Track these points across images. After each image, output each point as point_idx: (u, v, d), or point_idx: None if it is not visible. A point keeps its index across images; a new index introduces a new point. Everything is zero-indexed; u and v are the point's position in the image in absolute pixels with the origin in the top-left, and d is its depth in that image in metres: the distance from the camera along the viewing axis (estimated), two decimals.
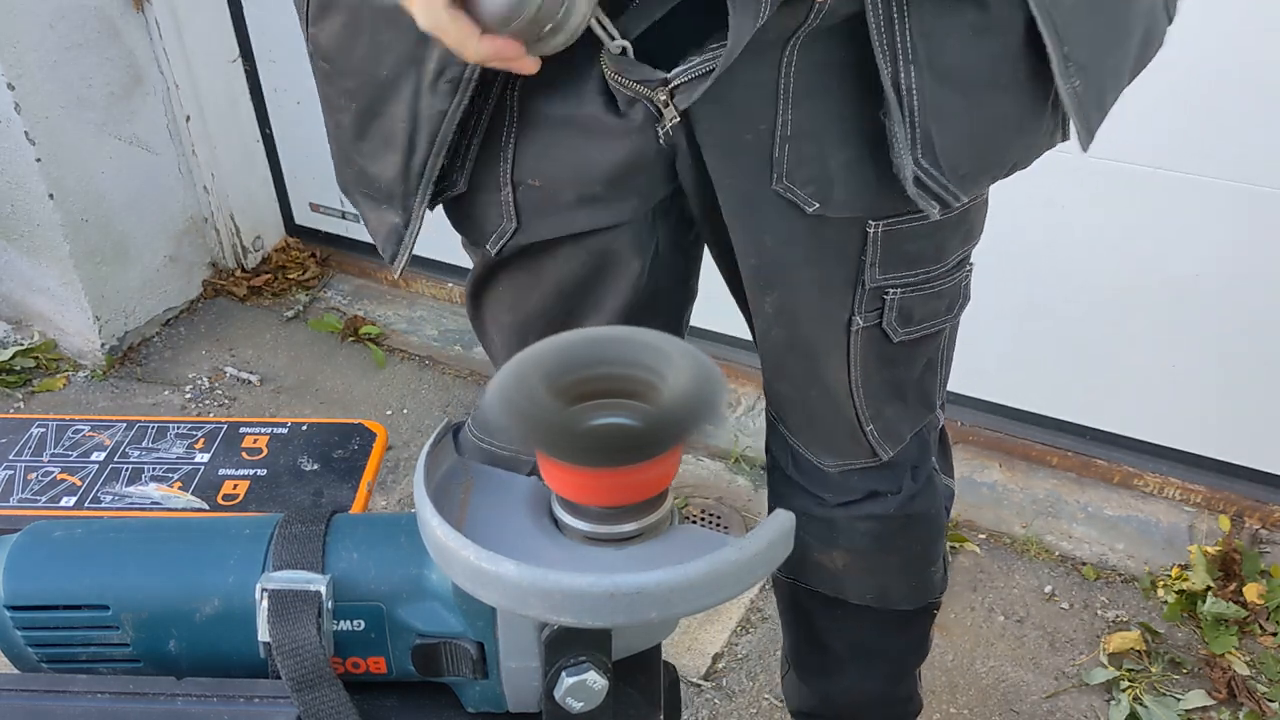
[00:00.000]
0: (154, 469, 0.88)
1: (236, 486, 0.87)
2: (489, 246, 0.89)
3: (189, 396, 2.24)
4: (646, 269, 0.91)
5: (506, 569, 0.53)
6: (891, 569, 1.11)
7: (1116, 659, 1.67)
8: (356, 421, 0.94)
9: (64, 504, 0.85)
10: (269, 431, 0.92)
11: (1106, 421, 1.93)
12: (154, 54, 2.21)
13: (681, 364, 0.56)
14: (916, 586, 1.14)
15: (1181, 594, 1.74)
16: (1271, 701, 1.60)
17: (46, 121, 2.04)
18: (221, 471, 0.88)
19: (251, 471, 0.88)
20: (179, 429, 0.93)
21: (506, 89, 0.81)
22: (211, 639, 0.63)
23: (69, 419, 0.94)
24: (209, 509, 0.85)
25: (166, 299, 2.41)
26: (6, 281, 2.32)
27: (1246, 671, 1.63)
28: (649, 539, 0.59)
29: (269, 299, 2.49)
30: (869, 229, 0.84)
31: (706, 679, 1.67)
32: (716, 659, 1.69)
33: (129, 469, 0.88)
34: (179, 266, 2.42)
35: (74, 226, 2.15)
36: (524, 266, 0.93)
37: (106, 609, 0.63)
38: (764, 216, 0.84)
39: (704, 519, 1.92)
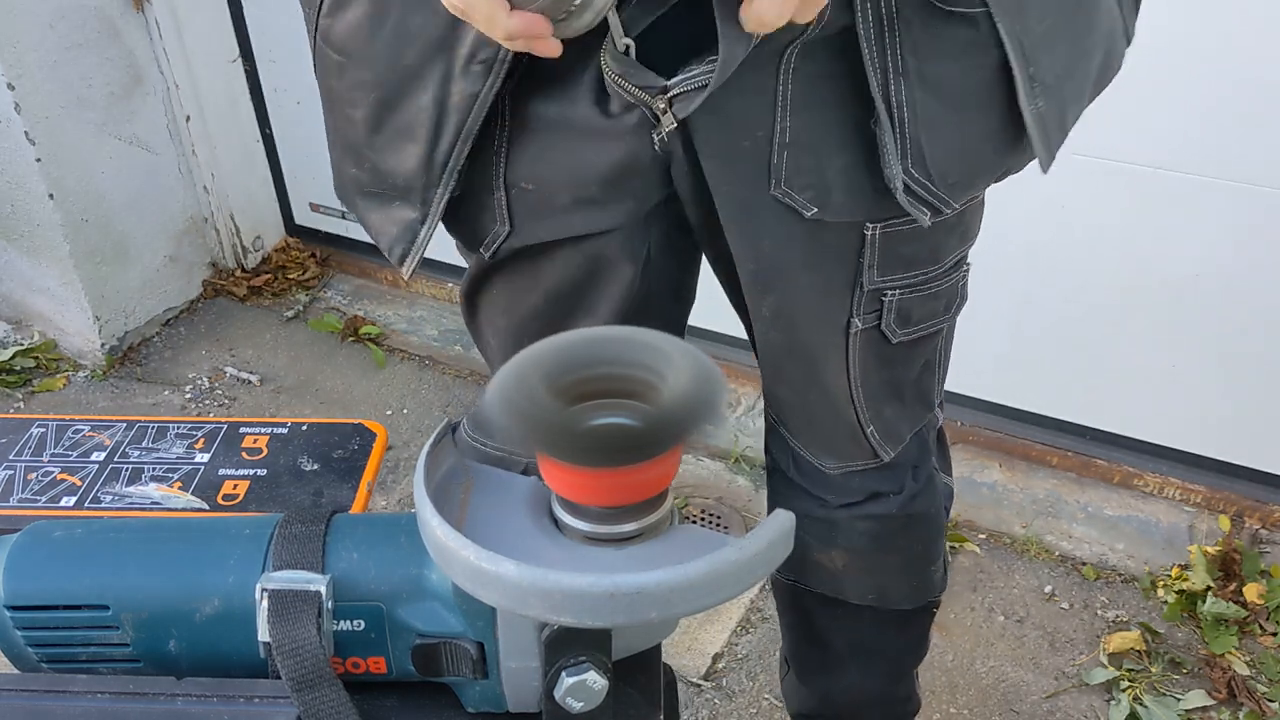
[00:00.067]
0: (154, 469, 0.88)
1: (236, 486, 0.86)
2: (482, 250, 0.89)
3: (189, 396, 2.24)
4: (639, 273, 0.91)
5: (506, 569, 0.53)
6: (892, 569, 1.11)
7: (1116, 659, 1.67)
8: (356, 421, 0.94)
9: (64, 504, 0.85)
10: (269, 431, 0.92)
11: (1106, 421, 1.93)
12: (154, 54, 2.21)
13: (681, 364, 0.56)
14: (917, 586, 1.14)
15: (1181, 594, 1.74)
16: (1271, 701, 1.60)
17: (46, 121, 2.04)
18: (221, 471, 0.88)
19: (251, 471, 0.88)
20: (179, 429, 0.92)
21: (500, 91, 0.81)
22: (211, 639, 0.63)
23: (69, 419, 0.94)
24: (209, 509, 0.85)
25: (166, 299, 2.41)
26: (6, 281, 2.32)
27: (1246, 671, 1.63)
28: (649, 539, 0.59)
29: (269, 299, 2.49)
30: (866, 232, 0.84)
31: (706, 679, 1.67)
32: (716, 659, 1.69)
33: (129, 469, 0.88)
34: (179, 266, 2.42)
35: (74, 226, 2.15)
36: (518, 270, 0.93)
37: (106, 609, 0.63)
38: (762, 221, 0.84)
39: (704, 519, 1.92)
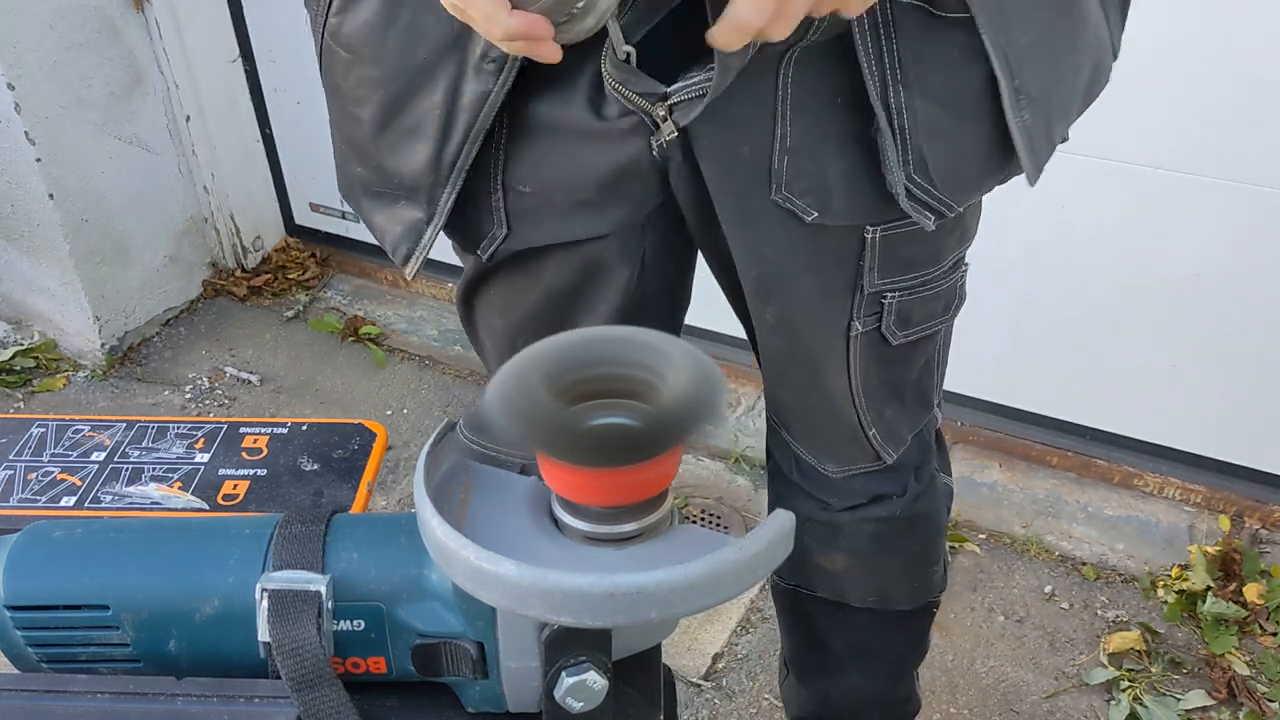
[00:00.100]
0: (154, 469, 0.88)
1: (236, 486, 0.86)
2: (480, 252, 0.89)
3: (189, 396, 2.24)
4: (636, 276, 0.91)
5: (506, 569, 0.53)
6: (894, 570, 1.11)
7: (1116, 659, 1.67)
8: (356, 421, 0.94)
9: (64, 504, 0.85)
10: (269, 431, 0.92)
11: (1106, 421, 1.93)
12: (154, 54, 2.21)
13: (681, 364, 0.56)
14: (918, 586, 1.14)
15: (1181, 594, 1.74)
16: (1271, 701, 1.60)
17: (46, 121, 2.04)
18: (221, 471, 0.88)
19: (251, 471, 0.88)
20: (179, 429, 0.92)
21: (510, 91, 0.81)
22: (211, 639, 0.63)
23: (69, 419, 0.94)
24: (209, 509, 0.85)
25: (166, 299, 2.41)
26: (6, 281, 2.32)
27: (1246, 671, 1.63)
28: (649, 539, 0.59)
29: (269, 299, 2.49)
30: (866, 235, 0.84)
31: (706, 679, 1.67)
32: (716, 659, 1.69)
33: (129, 469, 0.88)
34: (179, 266, 2.42)
35: (74, 226, 2.15)
36: (515, 272, 0.92)
37: (106, 609, 0.63)
38: (763, 227, 0.84)
39: (704, 519, 1.92)
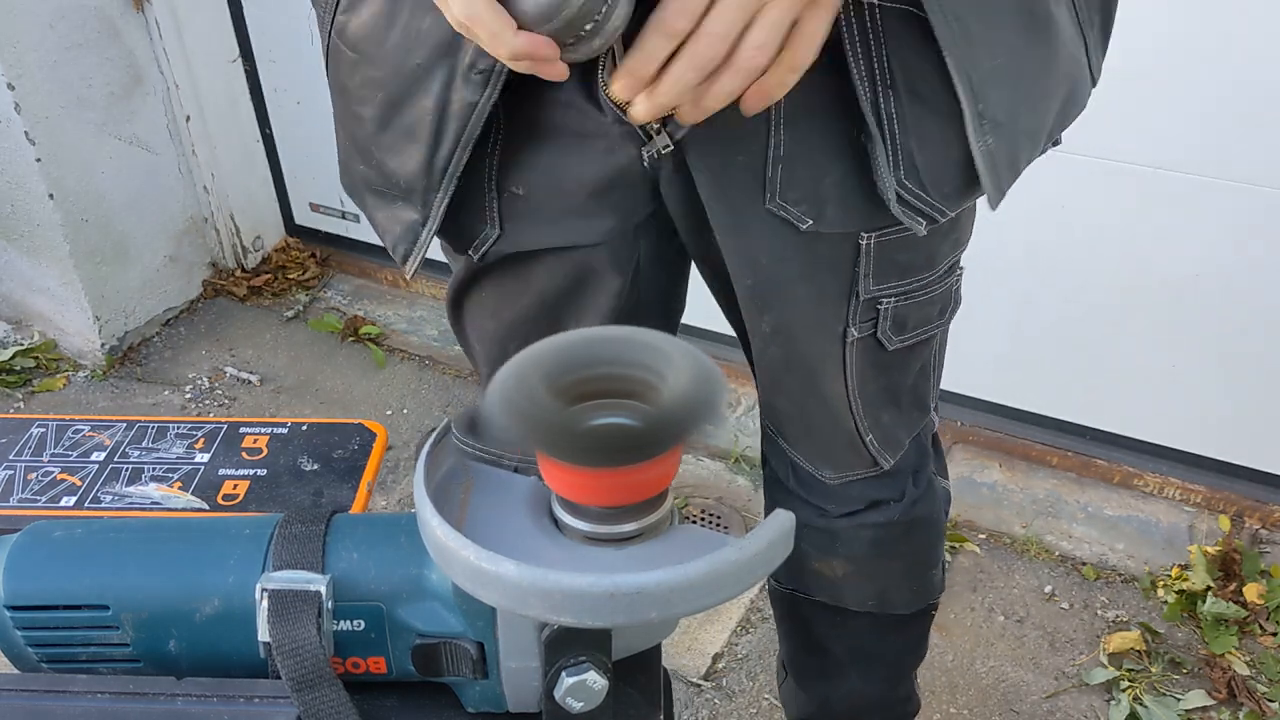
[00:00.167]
0: (154, 469, 0.88)
1: (236, 486, 0.86)
2: (471, 252, 0.89)
3: (189, 396, 2.24)
4: (628, 284, 0.91)
5: (506, 569, 0.53)
6: (893, 574, 1.11)
7: (1116, 659, 1.67)
8: (356, 421, 0.94)
9: (64, 504, 0.85)
10: (269, 431, 0.92)
11: (1106, 421, 1.93)
12: (154, 54, 2.21)
13: (681, 364, 0.56)
14: (917, 590, 1.14)
15: (1181, 594, 1.74)
16: (1271, 701, 1.60)
17: (46, 121, 2.04)
18: (221, 471, 0.88)
19: (251, 471, 0.88)
20: (179, 429, 0.92)
21: (498, 102, 0.80)
22: (211, 639, 0.63)
23: (69, 419, 0.94)
24: (209, 509, 0.85)
25: (166, 299, 2.41)
26: (6, 281, 2.32)
27: (1246, 671, 1.63)
28: (649, 539, 0.59)
29: (269, 299, 2.49)
30: (861, 241, 0.84)
31: (706, 679, 1.67)
32: (716, 659, 1.69)
33: (129, 469, 0.88)
34: (179, 266, 2.42)
35: (74, 226, 2.15)
36: (506, 275, 0.92)
37: (106, 609, 0.63)
38: (757, 235, 0.84)
39: (704, 519, 1.92)
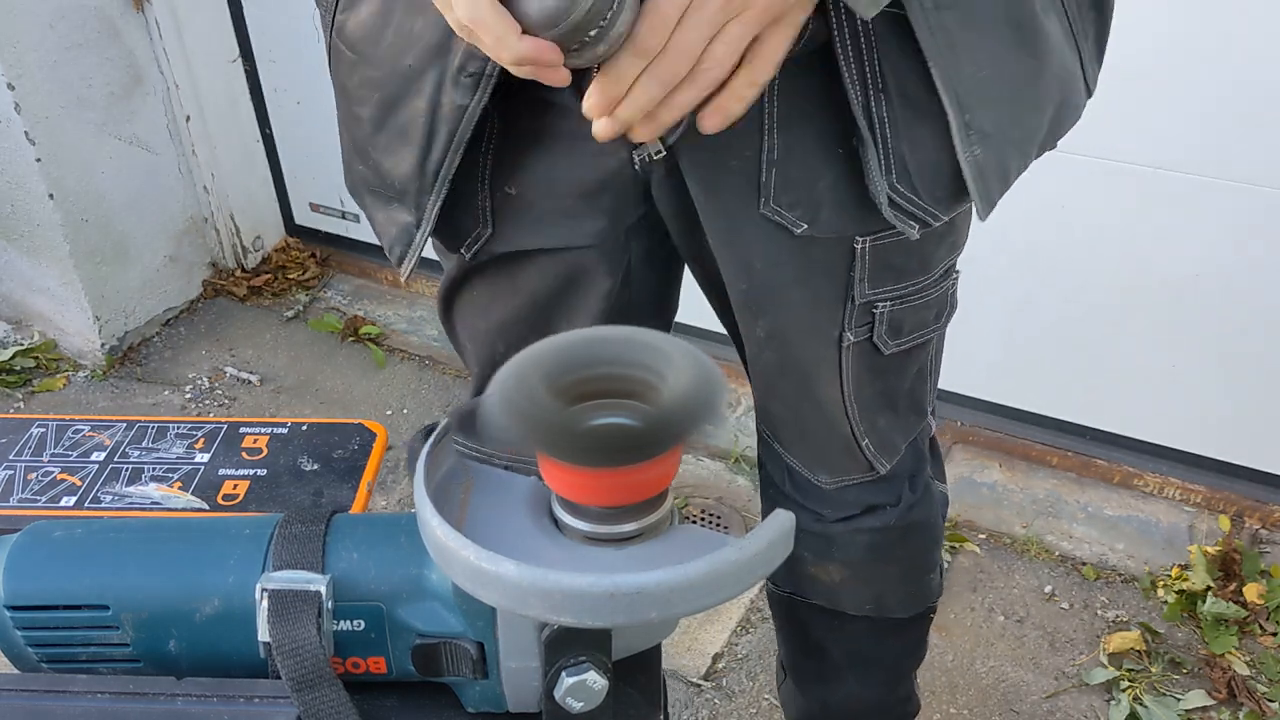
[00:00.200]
0: (154, 469, 0.88)
1: (236, 486, 0.86)
2: (463, 250, 0.89)
3: (189, 396, 2.24)
4: (619, 286, 0.91)
5: (506, 569, 0.53)
6: (889, 579, 1.11)
7: (1116, 659, 1.67)
8: (356, 421, 0.94)
9: (64, 504, 0.85)
10: (269, 431, 0.92)
11: (1106, 421, 1.93)
12: (154, 54, 2.21)
13: (681, 364, 0.56)
14: (914, 594, 1.14)
15: (1181, 594, 1.74)
16: (1271, 701, 1.60)
17: (46, 121, 2.04)
18: (221, 471, 0.88)
19: (251, 471, 0.88)
20: (179, 429, 0.92)
21: (488, 105, 0.80)
22: (211, 639, 0.63)
23: (69, 419, 0.94)
24: (209, 509, 0.85)
25: (166, 299, 2.41)
26: (6, 281, 2.32)
27: (1246, 671, 1.63)
28: (649, 539, 0.59)
29: (269, 299, 2.49)
30: (856, 245, 0.84)
31: (706, 679, 1.67)
32: (716, 659, 1.69)
33: (129, 469, 0.88)
34: (179, 266, 2.42)
35: (74, 226, 2.15)
36: (498, 274, 0.92)
37: (106, 609, 0.63)
38: (751, 240, 0.84)
39: (704, 519, 1.92)
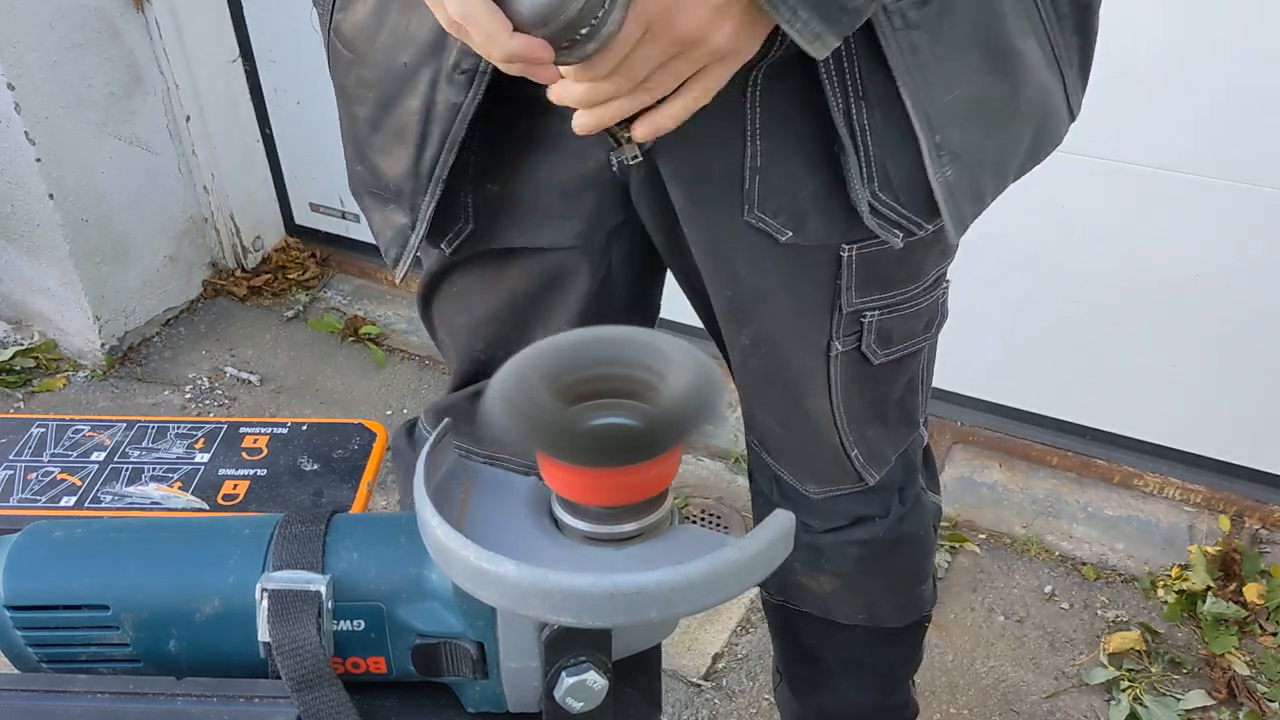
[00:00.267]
0: (154, 469, 0.88)
1: (236, 486, 0.86)
2: (444, 245, 0.88)
3: (189, 396, 2.24)
4: (598, 289, 0.90)
5: (506, 569, 0.53)
6: (879, 590, 1.10)
7: (1116, 659, 1.67)
8: (356, 421, 0.94)
9: (64, 504, 0.85)
10: (269, 431, 0.92)
11: (1106, 421, 1.93)
12: (154, 54, 2.21)
13: (681, 364, 0.56)
14: (905, 605, 1.13)
15: (1181, 594, 1.74)
16: (1271, 701, 1.60)
17: (46, 121, 2.04)
18: (221, 471, 0.88)
19: (251, 471, 0.88)
20: (179, 429, 0.92)
21: (482, 104, 0.80)
22: (211, 639, 0.63)
23: (69, 419, 0.94)
24: (209, 509, 0.85)
25: (166, 299, 2.41)
26: (6, 281, 2.32)
27: (1246, 671, 1.63)
28: (649, 539, 0.59)
29: (269, 299, 2.49)
30: (843, 253, 0.83)
31: (706, 679, 1.67)
32: (716, 659, 1.69)
33: (129, 469, 0.88)
34: (179, 266, 2.42)
35: (74, 226, 2.15)
36: (478, 271, 0.92)
37: (106, 609, 0.63)
38: (735, 247, 0.83)
39: (704, 519, 1.92)
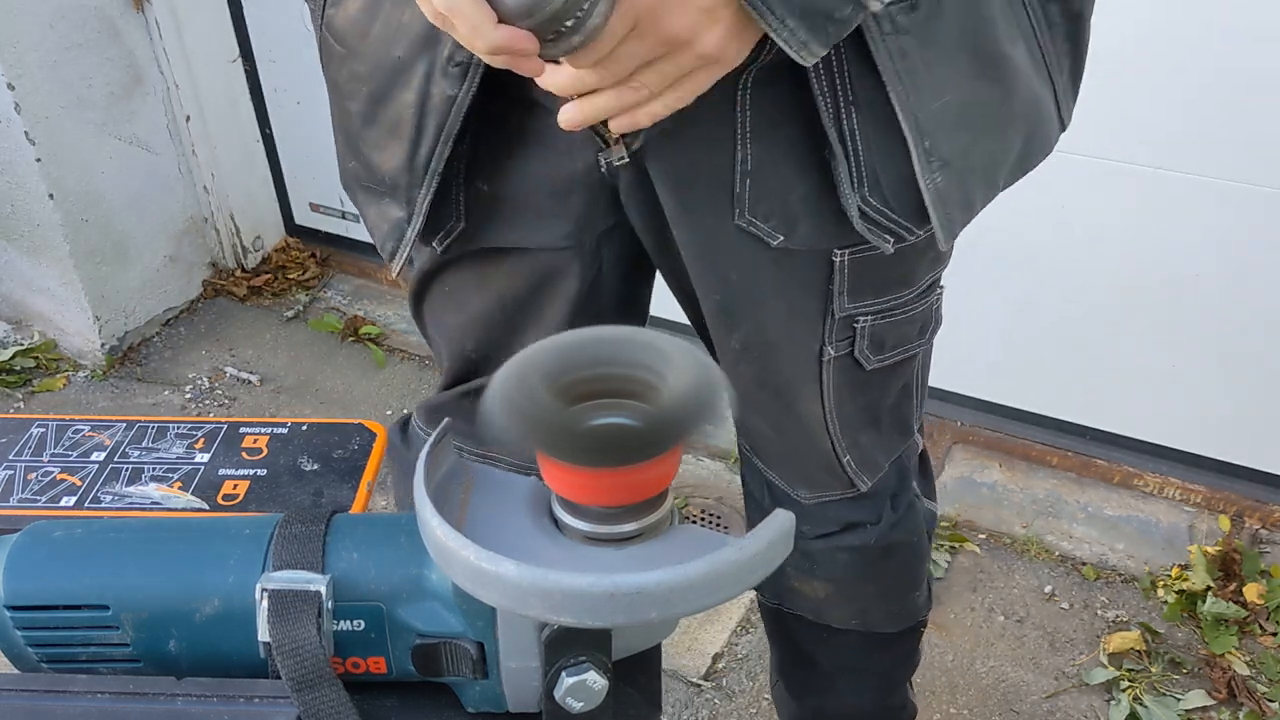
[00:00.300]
0: (154, 469, 0.88)
1: (236, 486, 0.86)
2: (436, 244, 0.88)
3: (189, 396, 2.24)
4: (588, 290, 0.90)
5: (506, 569, 0.53)
6: (872, 596, 1.10)
7: (1116, 659, 1.67)
8: (356, 421, 0.94)
9: (64, 504, 0.85)
10: (269, 431, 0.92)
11: (1106, 421, 1.93)
12: (154, 54, 2.21)
13: (681, 364, 0.56)
14: (899, 611, 1.13)
15: (1181, 594, 1.74)
16: (1271, 701, 1.60)
17: (46, 121, 2.04)
18: (221, 471, 0.88)
19: (251, 471, 0.88)
20: (179, 429, 0.92)
21: (477, 95, 0.79)
22: (211, 639, 0.63)
23: (69, 419, 0.94)
24: (209, 509, 0.85)
25: (166, 299, 2.41)
26: (6, 281, 2.32)
27: (1246, 671, 1.63)
28: (649, 539, 0.59)
29: (269, 299, 2.49)
30: (835, 258, 0.83)
31: (706, 679, 1.67)
32: (716, 659, 1.69)
33: (129, 469, 0.88)
34: (179, 266, 2.42)
35: (74, 226, 2.15)
36: (469, 270, 0.92)
37: (106, 609, 0.63)
38: (726, 251, 0.83)
39: (704, 519, 1.92)
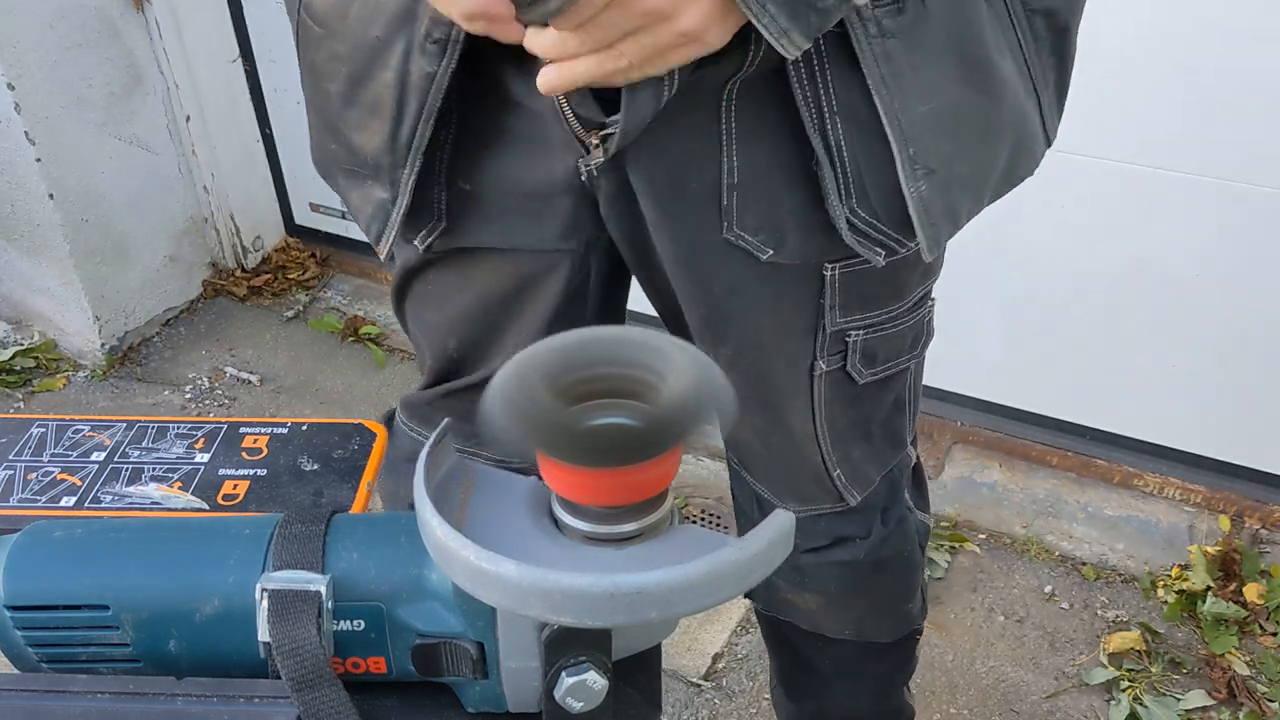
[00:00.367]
0: (154, 469, 0.88)
1: (236, 486, 0.86)
2: (417, 242, 0.88)
3: (189, 396, 2.24)
4: (572, 295, 0.90)
5: (506, 569, 0.53)
6: (865, 608, 1.10)
7: (1116, 659, 1.67)
8: (356, 421, 0.94)
9: (64, 504, 0.84)
10: (269, 431, 0.92)
11: (1106, 421, 1.93)
12: (154, 54, 2.21)
13: (681, 364, 0.56)
14: (893, 623, 1.13)
15: (1181, 594, 1.74)
16: (1271, 701, 1.60)
17: (46, 121, 2.04)
18: (221, 471, 0.88)
19: (251, 471, 0.88)
20: (179, 429, 0.92)
21: (456, 72, 0.78)
22: (211, 639, 0.63)
23: (69, 419, 0.94)
24: (209, 509, 0.85)
25: (166, 299, 2.41)
26: (6, 281, 2.32)
27: (1246, 671, 1.63)
28: (649, 539, 0.59)
29: (269, 299, 2.49)
30: (825, 272, 0.82)
31: (706, 679, 1.67)
32: (716, 659, 1.69)
33: (129, 469, 0.88)
34: (179, 266, 2.42)
35: (74, 226, 2.15)
36: (451, 270, 0.92)
37: (106, 609, 0.63)
38: (713, 265, 0.82)
39: (704, 519, 1.92)
